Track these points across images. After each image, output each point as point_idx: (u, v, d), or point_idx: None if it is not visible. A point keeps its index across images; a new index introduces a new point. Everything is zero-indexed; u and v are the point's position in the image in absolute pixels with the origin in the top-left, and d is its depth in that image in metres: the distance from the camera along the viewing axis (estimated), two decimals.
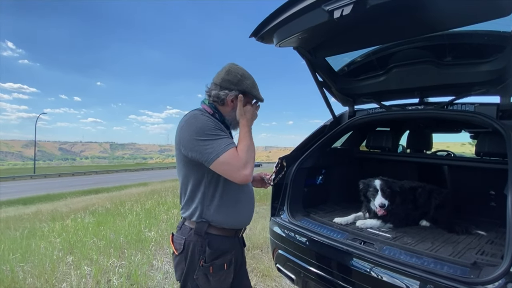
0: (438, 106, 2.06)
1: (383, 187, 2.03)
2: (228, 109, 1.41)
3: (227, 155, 1.23)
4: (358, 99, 2.52)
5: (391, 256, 1.57)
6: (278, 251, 2.13)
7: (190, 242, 1.34)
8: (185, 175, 1.36)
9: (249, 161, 1.27)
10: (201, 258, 1.32)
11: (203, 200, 1.34)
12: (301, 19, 1.66)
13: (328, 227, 1.99)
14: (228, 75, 1.38)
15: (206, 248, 1.32)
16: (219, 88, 1.38)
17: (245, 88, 1.39)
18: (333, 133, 2.47)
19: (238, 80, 1.38)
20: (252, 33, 1.95)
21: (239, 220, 1.43)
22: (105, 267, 3.27)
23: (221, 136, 1.27)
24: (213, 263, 1.33)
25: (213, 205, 1.34)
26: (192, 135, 1.25)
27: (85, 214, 6.65)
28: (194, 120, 1.28)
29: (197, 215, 1.34)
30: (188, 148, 1.26)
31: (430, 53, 1.98)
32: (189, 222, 1.37)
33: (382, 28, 1.79)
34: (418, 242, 1.77)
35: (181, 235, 1.37)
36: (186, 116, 1.34)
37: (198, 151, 1.24)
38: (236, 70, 1.40)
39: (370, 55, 2.22)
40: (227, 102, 1.40)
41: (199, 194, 1.34)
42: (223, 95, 1.38)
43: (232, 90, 1.37)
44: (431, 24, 1.70)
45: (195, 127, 1.26)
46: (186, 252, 1.34)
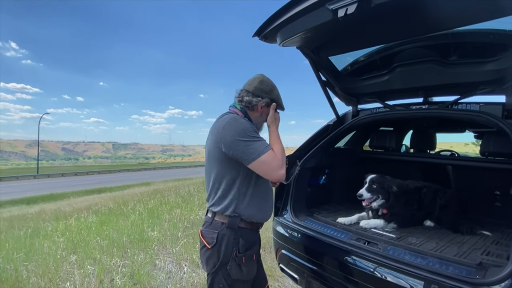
0: (442, 106, 2.05)
1: (373, 180, 2.05)
2: (257, 114, 1.61)
3: (267, 155, 1.39)
4: (362, 99, 2.51)
5: (396, 256, 1.56)
6: (282, 251, 2.12)
7: (224, 236, 1.44)
8: (220, 172, 1.47)
9: (284, 162, 1.45)
10: (235, 249, 1.44)
11: (237, 196, 1.46)
12: (305, 18, 1.65)
13: (331, 227, 1.98)
14: (261, 85, 1.59)
15: (239, 239, 1.45)
16: (252, 95, 1.57)
17: (274, 97, 1.61)
18: (336, 133, 2.46)
19: (269, 89, 1.60)
20: (255, 33, 1.94)
21: (264, 215, 1.58)
22: (108, 267, 3.28)
23: (259, 138, 1.44)
24: (245, 254, 1.45)
25: (246, 201, 1.47)
26: (235, 135, 1.38)
27: (88, 213, 6.68)
28: (236, 122, 1.43)
29: (230, 210, 1.45)
30: (230, 147, 1.39)
31: (434, 52, 1.97)
32: (220, 217, 1.47)
33: (386, 27, 1.78)
34: (422, 242, 1.76)
35: (213, 230, 1.47)
36: (227, 118, 1.46)
37: (240, 150, 1.38)
38: (268, 81, 1.62)
39: (373, 54, 2.21)
40: (257, 108, 1.59)
41: (233, 190, 1.46)
42: (255, 101, 1.57)
43: (264, 98, 1.58)
44: (435, 23, 1.68)
45: (237, 128, 1.40)
46: (219, 245, 1.44)
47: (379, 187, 2.02)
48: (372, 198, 2.02)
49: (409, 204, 2.05)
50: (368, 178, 2.07)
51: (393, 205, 1.99)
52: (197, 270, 3.21)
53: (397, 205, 2.00)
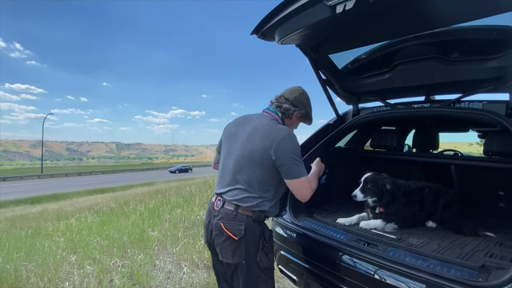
0: (444, 104, 2.01)
1: (367, 180, 2.03)
2: (290, 122, 1.76)
3: (304, 179, 1.56)
4: (362, 97, 2.47)
5: (396, 258, 1.52)
6: (280, 252, 2.09)
7: (251, 228, 1.54)
8: (262, 175, 1.56)
9: (312, 192, 1.65)
10: (261, 240, 1.55)
11: (270, 198, 1.60)
12: (303, 15, 1.62)
13: (331, 228, 1.95)
14: (301, 96, 1.75)
15: (264, 230, 1.59)
16: (291, 104, 1.72)
17: (309, 111, 1.78)
18: (336, 132, 2.42)
19: (307, 102, 1.77)
20: (253, 30, 1.91)
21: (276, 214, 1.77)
22: (107, 267, 3.27)
23: (302, 160, 1.58)
24: (270, 242, 1.62)
25: (273, 202, 1.63)
26: (291, 151, 1.52)
27: (90, 213, 6.69)
28: (293, 139, 1.57)
29: (259, 207, 1.56)
30: (282, 160, 1.51)
31: (436, 50, 1.93)
32: (246, 210, 1.55)
33: (386, 24, 1.74)
34: (424, 244, 1.72)
35: (240, 222, 1.53)
36: (283, 131, 1.57)
37: (289, 166, 1.51)
38: (307, 95, 1.78)
39: (374, 52, 2.17)
40: (292, 116, 1.74)
41: (269, 193, 1.59)
42: (293, 110, 1.72)
43: (302, 109, 1.74)
44: (436, 19, 1.64)
45: (294, 146, 1.56)
46: (247, 237, 1.53)
47: (373, 185, 1.99)
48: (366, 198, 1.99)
49: (410, 205, 2.00)
50: (363, 177, 2.04)
51: (387, 204, 1.95)
52: (196, 271, 3.19)
53: (395, 204, 1.96)
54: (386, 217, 1.95)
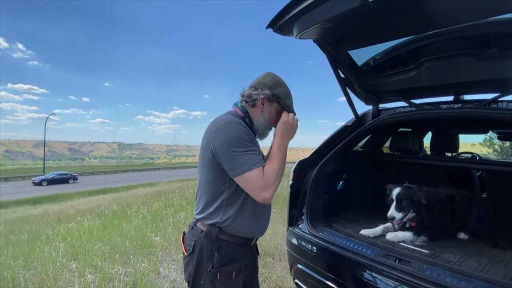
0: (479, 105, 1.82)
1: (400, 197, 1.82)
2: (258, 112, 1.40)
3: (252, 173, 1.20)
4: (384, 97, 2.29)
5: (434, 278, 1.35)
6: (297, 265, 1.92)
7: (200, 245, 1.31)
8: (209, 178, 1.32)
9: (273, 184, 1.23)
10: (209, 263, 1.29)
11: (223, 206, 1.30)
12: (328, 5, 1.45)
13: (354, 241, 1.77)
14: (264, 78, 1.40)
15: (215, 253, 1.29)
16: (253, 89, 1.39)
17: (278, 93, 1.38)
18: (355, 135, 2.25)
19: (273, 84, 1.39)
20: (269, 24, 1.74)
21: (253, 231, 1.41)
22: (109, 275, 3.11)
23: (251, 150, 1.23)
24: (220, 270, 1.28)
25: (231, 212, 1.30)
26: (224, 142, 1.22)
27: (91, 216, 6.55)
28: (229, 128, 1.25)
29: (212, 219, 1.31)
30: (219, 154, 1.24)
31: (469, 44, 1.75)
32: (201, 224, 1.34)
33: (417, 16, 1.57)
34: (461, 260, 1.54)
35: (192, 236, 1.35)
36: (221, 121, 1.29)
37: (226, 161, 1.22)
38: (274, 76, 1.42)
39: (399, 47, 1.99)
40: (257, 104, 1.38)
41: (219, 199, 1.31)
42: (255, 95, 1.37)
43: (263, 90, 1.37)
44: (473, 10, 1.48)
45: (229, 136, 1.23)
46: (195, 254, 1.32)
47: (408, 202, 1.80)
48: (404, 217, 1.80)
49: (441, 215, 1.83)
50: (394, 194, 1.84)
51: (424, 218, 1.77)
52: None
53: (428, 217, 1.78)
54: (417, 230, 1.77)
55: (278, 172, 1.24)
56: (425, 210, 1.77)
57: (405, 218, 1.81)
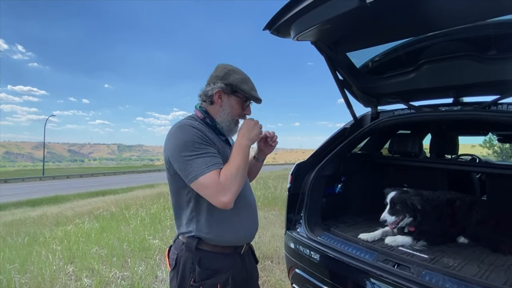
0: (479, 107, 1.80)
1: (394, 201, 1.80)
2: (217, 108, 1.29)
3: (207, 177, 1.09)
4: (383, 99, 2.27)
5: (434, 284, 1.32)
6: (295, 270, 1.89)
7: (182, 258, 1.23)
8: (174, 188, 1.25)
9: (231, 187, 1.11)
10: (191, 276, 1.20)
11: (193, 214, 1.23)
12: (326, 7, 1.43)
13: (353, 245, 1.74)
14: (215, 71, 1.31)
15: (197, 265, 1.20)
16: (206, 85, 1.31)
17: (232, 82, 1.26)
18: (354, 137, 2.22)
19: (224, 73, 1.28)
20: (266, 25, 1.73)
21: (236, 237, 1.29)
22: (106, 279, 3.08)
23: (205, 153, 1.13)
24: (203, 283, 1.19)
25: (203, 219, 1.22)
26: (175, 148, 1.14)
27: (90, 218, 6.51)
28: (180, 132, 1.17)
29: (187, 230, 1.24)
30: (172, 162, 1.16)
31: (469, 46, 1.73)
32: (182, 236, 1.27)
33: (415, 18, 1.55)
34: (461, 265, 1.52)
35: (175, 250, 1.28)
36: (173, 128, 1.21)
37: (179, 167, 1.14)
38: (224, 66, 1.31)
39: (397, 49, 1.98)
40: (214, 99, 1.29)
41: (188, 207, 1.23)
42: (209, 90, 1.28)
43: (215, 84, 1.27)
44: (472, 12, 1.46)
45: (179, 140, 1.14)
46: (178, 268, 1.24)
47: (402, 206, 1.77)
48: (397, 220, 1.78)
49: (440, 219, 1.81)
50: (389, 198, 1.82)
51: (421, 222, 1.75)
52: None
53: (427, 221, 1.75)
54: (416, 234, 1.75)
55: (236, 174, 1.13)
56: (421, 214, 1.75)
57: (402, 223, 1.79)
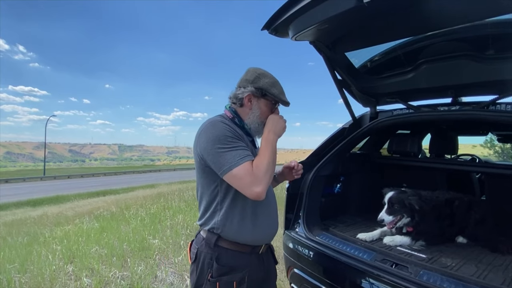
0: (477, 107, 1.80)
1: (392, 201, 1.80)
2: (247, 110, 1.35)
3: (240, 168, 1.14)
4: (382, 99, 2.27)
5: (432, 284, 1.32)
6: (294, 270, 1.89)
7: (202, 253, 1.29)
8: (202, 182, 1.30)
9: (263, 178, 1.15)
10: (209, 271, 1.25)
11: (217, 210, 1.26)
12: (323, 7, 1.44)
13: (351, 245, 1.74)
14: (246, 75, 1.36)
15: (214, 261, 1.25)
16: (237, 89, 1.36)
17: (262, 86, 1.31)
18: (353, 137, 2.22)
19: (255, 77, 1.33)
20: (264, 26, 1.73)
21: (255, 236, 1.31)
22: (106, 279, 3.09)
23: (237, 146, 1.18)
24: (220, 279, 1.23)
25: (225, 216, 1.25)
26: (208, 142, 1.19)
27: (90, 218, 6.52)
28: (212, 128, 1.22)
29: (209, 225, 1.28)
30: (205, 155, 1.21)
31: (468, 46, 1.73)
32: (203, 231, 1.33)
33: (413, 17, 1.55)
34: (459, 265, 1.52)
35: (195, 244, 1.34)
36: (204, 124, 1.27)
37: (213, 160, 1.18)
38: (255, 70, 1.36)
39: (396, 49, 1.98)
40: (244, 102, 1.34)
41: (214, 203, 1.27)
42: (240, 93, 1.33)
43: (246, 87, 1.32)
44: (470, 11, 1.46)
45: (212, 135, 1.20)
46: (197, 262, 1.29)
47: (400, 206, 1.77)
48: (395, 220, 1.78)
49: (439, 220, 1.80)
50: (386, 197, 1.82)
51: (419, 223, 1.75)
52: None
53: (425, 221, 1.75)
54: (414, 234, 1.74)
55: (268, 166, 1.17)
56: (419, 215, 1.75)
57: (399, 223, 1.78)
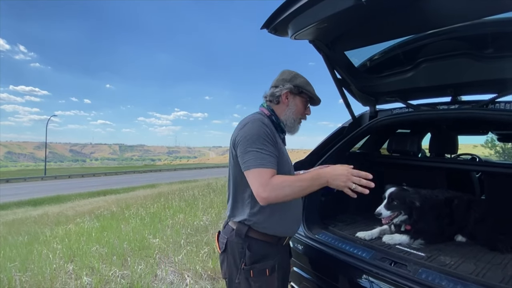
0: (476, 106, 1.80)
1: (392, 196, 1.81)
2: (283, 107, 1.44)
3: (256, 171, 1.21)
4: (381, 98, 2.27)
5: (430, 282, 1.32)
6: (293, 268, 1.89)
7: (232, 243, 1.35)
8: (236, 175, 1.35)
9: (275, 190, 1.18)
10: (242, 261, 1.31)
11: (249, 203, 1.33)
12: (322, 6, 1.44)
13: (350, 243, 1.75)
14: (281, 75, 1.46)
15: (246, 250, 1.31)
16: (273, 87, 1.45)
17: (298, 83, 1.43)
18: (352, 136, 2.23)
19: (291, 77, 1.44)
20: (264, 25, 1.73)
21: (283, 228, 1.40)
22: (106, 277, 3.09)
23: (265, 150, 1.25)
24: (253, 267, 1.30)
25: (257, 209, 1.32)
26: (245, 136, 1.27)
27: (90, 218, 6.53)
28: (251, 125, 1.30)
29: (240, 217, 1.35)
30: (238, 146, 1.28)
31: (467, 45, 1.73)
32: (232, 222, 1.38)
33: (412, 16, 1.56)
34: (458, 263, 1.52)
35: (224, 234, 1.40)
36: (248, 119, 1.35)
37: (240, 154, 1.27)
38: (290, 71, 1.48)
39: (395, 48, 1.98)
40: (281, 99, 1.43)
41: (246, 196, 1.34)
42: (278, 91, 1.43)
43: (284, 86, 1.42)
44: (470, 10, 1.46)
45: (249, 133, 1.27)
46: (227, 252, 1.36)
47: (400, 202, 1.78)
48: (392, 216, 1.78)
49: (438, 218, 1.80)
50: (387, 192, 1.82)
51: (417, 221, 1.75)
52: (200, 282, 3.01)
53: (423, 220, 1.75)
54: (413, 233, 1.75)
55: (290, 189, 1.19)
56: (418, 212, 1.75)
57: (396, 219, 1.79)
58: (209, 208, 6.24)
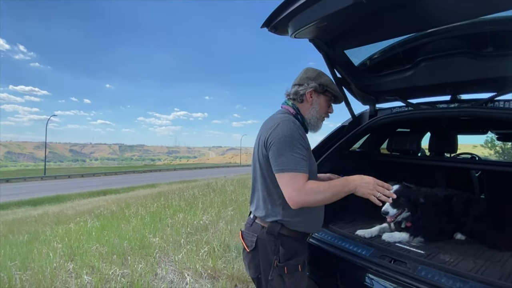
0: (476, 104, 1.81)
1: (398, 194, 1.80)
2: (307, 106, 1.45)
3: (290, 175, 1.22)
4: (381, 97, 2.28)
5: (429, 279, 1.33)
6: None
7: (263, 241, 1.35)
8: (265, 174, 1.34)
9: (309, 195, 1.21)
10: (276, 258, 1.31)
11: (280, 204, 1.33)
12: (322, 4, 1.45)
13: (350, 241, 1.75)
14: (306, 73, 1.46)
15: (279, 247, 1.32)
16: (297, 86, 1.45)
17: (323, 82, 1.43)
18: (352, 135, 2.23)
19: (316, 75, 1.44)
20: (264, 23, 1.74)
21: (312, 225, 1.44)
22: (106, 276, 3.10)
23: (299, 153, 1.25)
24: (287, 264, 1.31)
25: (289, 208, 1.30)
26: (278, 140, 1.26)
27: (91, 217, 6.54)
28: (284, 126, 1.29)
29: (272, 216, 1.34)
30: (270, 148, 1.28)
31: (466, 44, 1.74)
32: (261, 221, 1.38)
33: (412, 14, 1.56)
34: (457, 261, 1.52)
35: (253, 232, 1.39)
36: (280, 119, 1.33)
37: (273, 155, 1.26)
38: (314, 69, 1.47)
39: (395, 47, 1.99)
40: (306, 98, 1.44)
41: (276, 195, 1.33)
42: (302, 90, 1.43)
43: (309, 84, 1.42)
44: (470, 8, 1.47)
45: (282, 134, 1.26)
46: (258, 250, 1.36)
47: (405, 200, 1.78)
48: (397, 214, 1.78)
49: (438, 216, 1.81)
50: (392, 190, 1.83)
51: (419, 218, 1.76)
52: (200, 281, 3.01)
53: (424, 217, 1.76)
54: (413, 230, 1.75)
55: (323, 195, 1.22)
56: (421, 210, 1.75)
57: (399, 217, 1.79)
58: (209, 208, 6.25)
